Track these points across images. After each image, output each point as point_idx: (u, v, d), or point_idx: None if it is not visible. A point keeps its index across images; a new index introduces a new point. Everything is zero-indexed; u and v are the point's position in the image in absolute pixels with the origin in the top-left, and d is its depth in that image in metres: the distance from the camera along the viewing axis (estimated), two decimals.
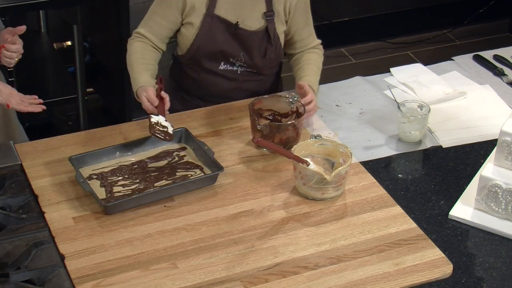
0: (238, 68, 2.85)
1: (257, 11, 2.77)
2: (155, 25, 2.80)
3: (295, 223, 2.35)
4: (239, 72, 2.85)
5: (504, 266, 2.28)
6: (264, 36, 2.80)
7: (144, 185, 2.44)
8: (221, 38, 2.77)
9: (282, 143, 2.58)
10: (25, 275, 2.11)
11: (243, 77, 2.87)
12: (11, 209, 2.34)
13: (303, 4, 2.82)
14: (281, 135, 2.58)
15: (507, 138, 2.39)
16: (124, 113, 4.12)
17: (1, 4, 3.48)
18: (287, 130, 2.58)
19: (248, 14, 2.77)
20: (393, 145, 2.71)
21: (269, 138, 2.57)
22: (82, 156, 2.50)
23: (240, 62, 2.82)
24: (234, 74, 2.85)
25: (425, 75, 3.07)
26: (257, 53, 2.82)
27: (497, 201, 2.39)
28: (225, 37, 2.78)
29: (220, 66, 2.83)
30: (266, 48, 2.81)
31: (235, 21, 2.76)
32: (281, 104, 2.68)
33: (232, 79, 2.86)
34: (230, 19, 2.76)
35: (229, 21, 2.76)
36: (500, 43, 4.24)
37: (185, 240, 2.27)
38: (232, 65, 2.84)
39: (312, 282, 2.16)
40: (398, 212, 2.39)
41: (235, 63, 2.83)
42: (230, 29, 2.77)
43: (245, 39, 2.78)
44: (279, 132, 2.58)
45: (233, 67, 2.84)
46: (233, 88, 2.87)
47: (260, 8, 2.77)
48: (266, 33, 2.79)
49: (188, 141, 2.60)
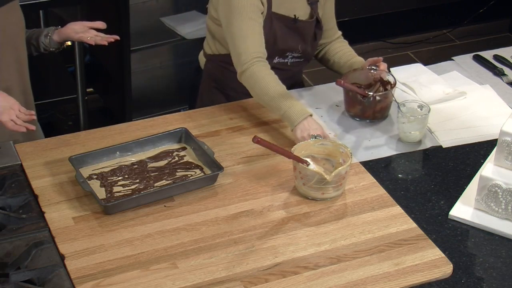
0: (289, 59, 2.88)
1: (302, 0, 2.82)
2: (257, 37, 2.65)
3: (295, 223, 2.35)
4: (289, 63, 2.89)
5: (504, 266, 2.28)
6: (314, 22, 2.86)
7: (144, 185, 2.44)
8: (281, 35, 2.80)
9: (382, 111, 2.77)
10: (25, 275, 2.11)
11: (293, 67, 2.91)
12: (11, 209, 2.34)
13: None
14: (382, 104, 2.75)
15: (507, 138, 2.39)
16: (124, 113, 4.12)
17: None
18: (387, 98, 2.76)
19: (298, 6, 2.81)
20: (393, 145, 2.71)
21: (370, 109, 2.74)
22: (82, 156, 2.50)
23: (296, 53, 2.86)
24: (285, 66, 2.89)
25: (425, 75, 3.06)
26: (311, 40, 2.87)
27: (497, 201, 2.39)
28: (284, 34, 2.80)
29: (274, 60, 2.85)
30: (315, 32, 2.87)
31: (293, 15, 2.79)
32: (363, 76, 2.83)
33: (283, 70, 2.87)
34: (288, 14, 2.79)
35: (287, 16, 2.79)
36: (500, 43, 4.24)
37: (185, 240, 2.27)
38: (285, 57, 2.87)
39: (312, 282, 2.16)
40: (398, 212, 2.39)
41: (288, 55, 2.86)
42: (288, 23, 2.79)
43: (303, 30, 2.83)
44: (380, 102, 2.74)
45: (285, 59, 2.88)
46: (285, 78, 2.79)
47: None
48: (315, 18, 2.85)
49: (188, 141, 2.59)
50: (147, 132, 2.65)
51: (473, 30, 5.18)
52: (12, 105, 2.50)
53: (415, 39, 5.08)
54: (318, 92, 2.95)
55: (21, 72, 2.78)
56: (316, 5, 2.86)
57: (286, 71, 2.89)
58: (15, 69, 2.74)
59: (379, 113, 2.77)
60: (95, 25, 2.75)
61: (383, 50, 4.97)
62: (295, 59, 2.89)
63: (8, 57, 2.71)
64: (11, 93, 2.71)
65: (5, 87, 2.69)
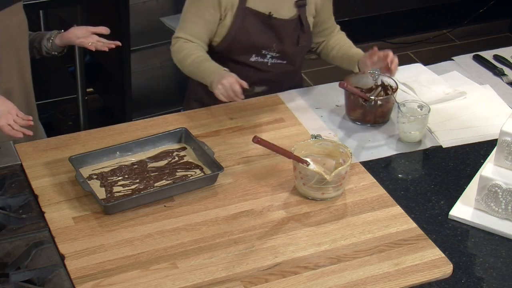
0: (269, 59, 2.87)
1: (290, 0, 2.80)
2: (194, 26, 2.79)
3: (295, 223, 2.35)
4: (269, 64, 2.88)
5: (504, 266, 2.28)
6: (297, 24, 2.84)
7: (144, 185, 2.44)
8: (254, 30, 2.79)
9: (384, 115, 2.76)
10: (25, 275, 2.11)
11: (273, 69, 2.89)
12: (11, 209, 2.34)
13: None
14: (383, 108, 2.74)
15: (507, 138, 2.39)
16: (124, 113, 4.12)
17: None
18: (388, 103, 2.75)
19: (280, 5, 2.80)
20: (393, 145, 2.71)
21: (371, 113, 2.74)
22: (82, 156, 2.50)
23: (272, 52, 2.84)
24: (264, 66, 2.88)
25: (425, 75, 3.06)
26: (290, 42, 2.85)
27: (497, 201, 2.39)
28: (258, 29, 2.80)
29: (251, 58, 2.85)
30: (299, 36, 2.85)
31: (268, 12, 2.78)
32: (365, 80, 2.82)
33: (262, 70, 2.87)
34: (263, 11, 2.78)
35: (261, 12, 2.78)
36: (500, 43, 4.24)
37: (185, 240, 2.27)
38: (263, 57, 2.86)
39: (312, 282, 2.16)
40: (398, 212, 2.39)
41: (267, 55, 2.85)
42: (263, 20, 2.79)
43: (278, 28, 2.81)
44: (381, 106, 2.73)
45: (264, 59, 2.86)
46: (262, 79, 2.86)
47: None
48: (299, 21, 2.83)
49: (188, 141, 2.59)
50: (147, 132, 2.65)
51: (473, 30, 5.18)
52: (10, 110, 2.49)
53: (415, 39, 5.08)
54: (318, 92, 2.95)
55: (23, 73, 2.78)
56: (303, 9, 2.84)
57: (266, 72, 2.88)
58: (16, 71, 2.74)
59: (380, 117, 2.77)
60: (98, 30, 2.74)
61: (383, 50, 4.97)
62: (275, 59, 2.88)
63: (10, 59, 2.71)
64: (12, 94, 2.71)
65: (6, 89, 2.69)
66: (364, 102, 2.74)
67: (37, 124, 2.93)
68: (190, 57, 2.76)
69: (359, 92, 2.75)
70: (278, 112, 2.81)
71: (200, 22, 2.78)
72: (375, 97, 2.75)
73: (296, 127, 2.74)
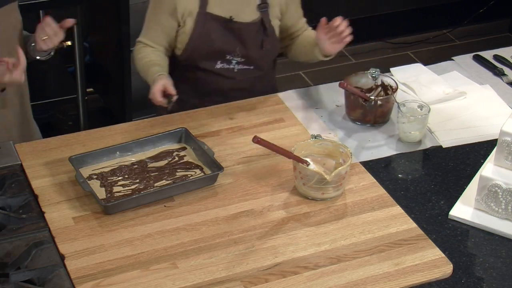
0: (235, 66, 2.84)
1: (251, 4, 2.78)
2: (152, 32, 2.82)
3: (295, 223, 2.35)
4: (235, 70, 2.85)
5: (504, 266, 2.28)
6: (260, 28, 2.81)
7: (144, 185, 2.44)
8: (216, 35, 2.77)
9: (384, 115, 2.76)
10: (25, 275, 2.11)
11: (240, 75, 2.87)
12: (11, 209, 2.34)
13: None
14: (383, 108, 2.74)
15: (507, 138, 2.39)
16: (124, 113, 4.12)
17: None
18: (388, 103, 2.75)
19: (242, 9, 2.77)
20: (393, 145, 2.71)
21: (371, 113, 2.73)
22: (82, 156, 2.50)
23: (237, 57, 2.82)
24: (231, 73, 2.85)
25: (425, 75, 3.06)
26: (254, 46, 2.82)
27: (497, 201, 2.39)
28: (220, 34, 2.77)
29: (216, 65, 2.83)
30: (263, 39, 2.82)
31: (229, 16, 2.76)
32: (365, 80, 2.83)
33: (229, 78, 2.86)
34: (224, 15, 2.76)
35: (222, 16, 2.76)
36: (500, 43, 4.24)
37: (185, 240, 2.27)
38: (229, 63, 2.83)
39: (312, 282, 2.16)
40: (398, 212, 2.39)
41: (232, 61, 2.82)
42: (224, 24, 2.77)
43: (240, 32, 2.78)
44: (381, 106, 2.73)
45: (230, 65, 2.84)
46: (230, 87, 2.87)
47: (254, 1, 2.78)
48: (261, 24, 2.80)
49: (188, 141, 2.60)
50: (147, 132, 2.65)
51: (473, 30, 5.18)
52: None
53: (415, 39, 5.08)
54: (318, 92, 2.95)
55: None
56: (266, 11, 2.80)
57: (232, 79, 2.86)
58: None
59: (380, 117, 2.77)
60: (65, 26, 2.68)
61: (383, 50, 4.97)
62: (241, 65, 2.85)
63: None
64: (6, 93, 2.70)
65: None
66: (364, 102, 2.74)
67: (33, 125, 2.92)
68: (142, 60, 2.80)
69: (359, 92, 2.74)
70: (278, 112, 2.81)
71: (158, 28, 2.80)
72: (375, 97, 2.75)
73: (296, 127, 2.74)
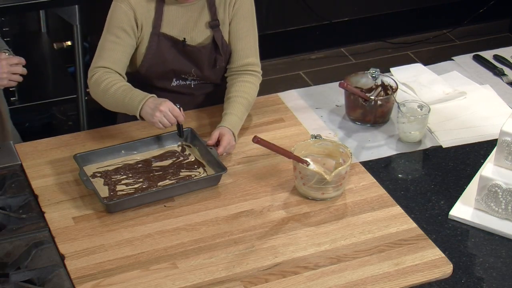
0: (191, 82, 2.77)
1: (202, 21, 2.67)
2: (113, 54, 2.61)
3: (295, 223, 2.35)
4: (192, 85, 2.78)
5: (504, 266, 2.28)
6: (212, 48, 2.70)
7: (147, 184, 2.44)
8: (170, 56, 2.68)
9: (384, 115, 2.76)
10: (25, 275, 2.11)
11: (197, 90, 2.79)
12: (11, 209, 2.34)
13: (245, 10, 2.69)
14: (383, 108, 2.75)
15: (507, 138, 2.39)
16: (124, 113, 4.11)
17: (1, 4, 3.48)
18: (388, 103, 2.76)
19: (193, 27, 2.67)
20: (393, 145, 2.71)
21: (371, 113, 2.74)
22: (87, 154, 2.49)
23: (192, 77, 2.75)
24: (188, 89, 2.78)
25: (425, 75, 3.06)
26: (208, 65, 2.73)
27: (497, 201, 2.39)
28: (174, 55, 2.68)
29: (172, 83, 2.75)
30: (215, 58, 2.71)
31: (182, 38, 2.66)
32: (365, 80, 2.83)
33: (187, 94, 2.78)
34: (177, 36, 2.66)
35: (176, 38, 2.66)
36: (500, 43, 4.24)
37: (185, 240, 2.27)
38: (185, 80, 2.76)
39: (312, 282, 2.16)
40: (398, 212, 2.39)
41: (188, 78, 2.76)
42: (178, 46, 2.67)
43: (194, 55, 2.69)
44: (381, 106, 2.74)
45: (186, 81, 2.76)
46: (188, 102, 2.76)
47: (204, 18, 2.67)
48: (213, 44, 2.69)
49: (194, 141, 2.60)
50: (148, 132, 2.65)
51: (473, 30, 5.17)
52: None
53: (415, 39, 5.08)
54: (318, 92, 2.95)
55: None
56: (218, 29, 2.68)
57: (189, 95, 2.77)
58: None
59: (380, 117, 2.77)
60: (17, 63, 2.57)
61: (383, 50, 4.97)
62: (198, 81, 2.76)
63: None
64: None
65: None
66: (364, 102, 2.74)
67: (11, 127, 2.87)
68: (113, 87, 2.56)
69: (359, 92, 2.74)
70: (278, 112, 2.81)
71: (119, 48, 2.60)
72: (375, 97, 2.76)
73: (296, 127, 2.74)
